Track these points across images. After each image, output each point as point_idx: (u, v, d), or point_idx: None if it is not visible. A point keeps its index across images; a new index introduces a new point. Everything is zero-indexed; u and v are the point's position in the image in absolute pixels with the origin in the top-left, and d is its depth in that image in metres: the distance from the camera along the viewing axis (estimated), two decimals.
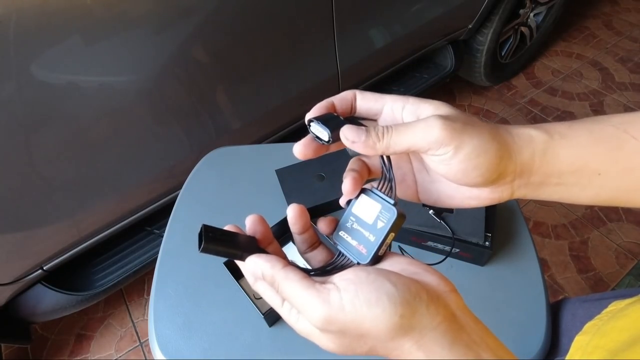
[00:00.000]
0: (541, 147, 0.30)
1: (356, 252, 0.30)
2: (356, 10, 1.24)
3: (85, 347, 1.29)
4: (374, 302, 0.25)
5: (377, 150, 0.29)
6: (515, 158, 0.29)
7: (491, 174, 0.29)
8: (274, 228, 0.70)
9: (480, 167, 0.28)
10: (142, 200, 1.10)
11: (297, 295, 0.27)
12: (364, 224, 0.31)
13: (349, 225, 0.32)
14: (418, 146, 0.28)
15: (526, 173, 0.30)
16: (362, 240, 0.30)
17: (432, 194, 0.33)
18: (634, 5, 2.47)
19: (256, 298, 0.65)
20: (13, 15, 0.72)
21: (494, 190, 0.31)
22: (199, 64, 1.00)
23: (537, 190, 0.32)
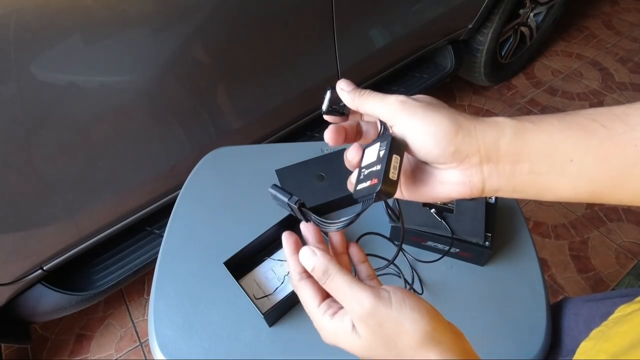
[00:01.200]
0: (509, 132, 0.31)
1: (371, 188, 0.31)
2: (356, 10, 1.24)
3: (85, 347, 1.29)
4: (417, 308, 0.30)
5: (353, 103, 0.36)
6: (477, 137, 0.31)
7: (447, 145, 0.31)
8: (273, 229, 0.70)
9: (434, 134, 0.31)
10: (142, 200, 1.10)
11: (349, 287, 0.31)
12: (370, 165, 0.33)
13: (361, 177, 0.34)
14: (378, 112, 0.34)
15: (493, 156, 0.31)
16: (372, 175, 0.32)
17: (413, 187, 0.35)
18: (634, 5, 2.47)
19: (256, 298, 0.66)
20: (13, 15, 0.72)
21: (463, 174, 0.32)
22: (199, 64, 1.00)
23: (510, 181, 0.31)
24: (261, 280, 0.68)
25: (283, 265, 0.69)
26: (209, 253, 0.71)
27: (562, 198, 0.32)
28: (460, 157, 0.31)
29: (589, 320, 0.59)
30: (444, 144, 0.31)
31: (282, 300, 0.62)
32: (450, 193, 0.33)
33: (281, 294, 0.66)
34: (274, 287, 0.67)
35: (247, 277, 0.68)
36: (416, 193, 0.35)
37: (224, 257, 0.70)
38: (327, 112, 0.38)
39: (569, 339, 0.62)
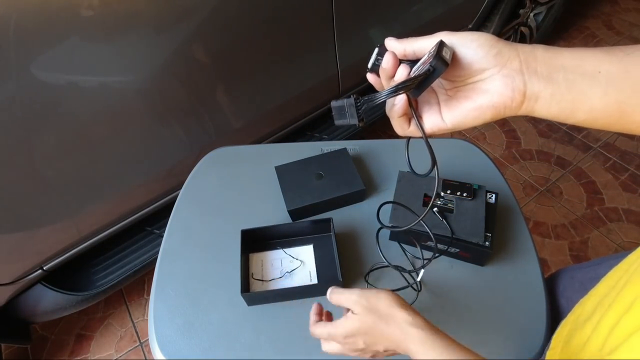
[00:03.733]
0: (541, 47, 0.36)
1: (426, 65, 0.35)
2: (356, 10, 1.24)
3: (85, 347, 1.29)
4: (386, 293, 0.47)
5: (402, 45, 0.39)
6: (516, 47, 0.36)
7: (490, 47, 0.35)
8: (269, 230, 0.70)
9: (477, 39, 0.36)
10: (142, 200, 1.09)
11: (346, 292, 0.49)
12: (423, 61, 0.38)
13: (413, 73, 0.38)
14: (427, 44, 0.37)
15: (531, 62, 0.35)
16: (426, 61, 0.36)
17: (454, 107, 0.39)
18: (634, 5, 2.47)
19: (254, 278, 0.67)
20: (13, 15, 0.72)
21: (506, 78, 0.35)
22: (199, 64, 1.00)
23: (547, 86, 0.35)
24: (266, 264, 0.69)
25: (292, 261, 0.69)
26: (209, 253, 0.71)
27: (594, 109, 0.35)
28: (503, 59, 0.35)
29: (584, 281, 0.61)
30: (487, 47, 0.35)
31: (272, 290, 0.64)
32: (493, 99, 0.36)
33: (275, 285, 0.66)
34: (272, 277, 0.67)
35: (255, 255, 0.70)
36: (458, 110, 0.38)
37: (223, 257, 0.70)
38: (372, 68, 0.41)
39: (565, 300, 0.63)
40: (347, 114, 0.40)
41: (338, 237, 0.69)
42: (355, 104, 0.40)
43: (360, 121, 0.40)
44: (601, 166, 1.69)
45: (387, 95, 0.37)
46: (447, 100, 0.40)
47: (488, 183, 0.71)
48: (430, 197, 0.69)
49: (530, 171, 1.69)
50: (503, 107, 0.36)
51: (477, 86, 0.37)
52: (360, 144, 0.86)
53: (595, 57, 0.35)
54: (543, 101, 0.35)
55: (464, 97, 0.38)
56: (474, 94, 0.37)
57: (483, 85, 0.37)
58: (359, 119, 0.40)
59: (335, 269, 0.66)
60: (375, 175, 0.81)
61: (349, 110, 0.40)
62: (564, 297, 0.64)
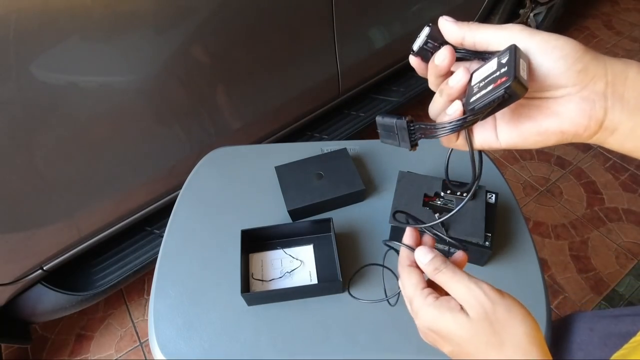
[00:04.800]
0: (636, 66, 0.29)
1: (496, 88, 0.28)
2: (356, 10, 1.24)
3: (85, 347, 1.29)
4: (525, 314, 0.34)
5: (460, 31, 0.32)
6: (605, 63, 0.29)
7: (575, 60, 0.28)
8: (269, 230, 0.70)
9: (562, 47, 0.29)
10: (142, 200, 1.09)
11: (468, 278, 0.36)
12: (487, 77, 0.30)
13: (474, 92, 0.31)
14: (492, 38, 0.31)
15: (619, 85, 0.28)
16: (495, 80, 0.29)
17: (512, 126, 0.32)
18: (634, 5, 2.47)
19: (254, 278, 0.67)
20: (13, 15, 0.72)
21: (584, 101, 0.29)
22: (199, 64, 1.00)
23: (631, 118, 0.29)
24: (265, 264, 0.69)
25: (292, 261, 0.69)
26: (209, 253, 0.71)
27: None
28: (587, 78, 0.28)
29: (605, 336, 0.58)
30: (572, 60, 0.28)
31: (272, 291, 0.64)
32: (563, 126, 0.30)
33: (275, 285, 0.66)
34: (272, 277, 0.67)
35: (255, 255, 0.70)
36: (517, 131, 0.32)
37: (223, 257, 0.70)
38: (419, 51, 0.35)
39: (582, 354, 0.61)
40: (397, 135, 0.36)
41: (338, 237, 0.69)
42: (408, 128, 0.35)
43: (412, 147, 0.36)
44: (601, 166, 1.69)
45: (449, 131, 0.31)
46: (504, 117, 0.33)
47: (488, 183, 0.71)
48: (430, 197, 0.69)
49: (530, 171, 1.69)
50: (572, 135, 0.30)
51: (546, 105, 0.30)
52: (360, 144, 0.86)
53: None
54: (620, 135, 0.29)
55: (526, 116, 0.31)
56: (540, 114, 0.30)
57: (554, 105, 0.30)
58: (411, 145, 0.36)
59: (335, 269, 0.66)
60: (375, 175, 0.81)
61: (400, 133, 0.35)
62: (581, 350, 0.61)
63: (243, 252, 0.66)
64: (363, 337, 0.61)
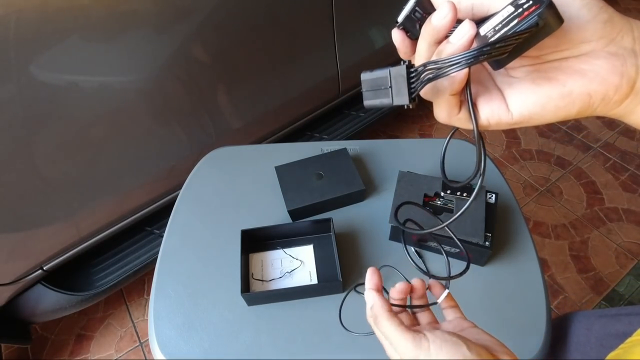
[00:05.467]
0: None
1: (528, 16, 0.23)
2: (356, 10, 1.24)
3: (85, 347, 1.29)
4: (452, 354, 0.32)
5: None
6: (629, 20, 0.26)
7: (599, 9, 0.25)
8: (269, 230, 0.70)
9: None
10: (142, 200, 1.09)
11: (396, 335, 0.35)
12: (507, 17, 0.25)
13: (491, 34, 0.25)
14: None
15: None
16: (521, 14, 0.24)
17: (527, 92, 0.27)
18: (634, 6, 2.47)
19: (254, 278, 0.67)
20: (13, 15, 0.72)
21: (612, 57, 0.25)
22: (199, 64, 1.00)
23: None
24: (265, 264, 0.69)
25: (292, 261, 0.69)
26: (209, 253, 0.71)
27: None
28: (614, 30, 0.25)
29: (602, 336, 0.58)
30: (596, 9, 0.25)
31: (272, 290, 0.64)
32: (591, 86, 0.25)
33: (275, 285, 0.66)
34: (272, 277, 0.67)
35: (255, 255, 0.70)
36: (534, 96, 0.27)
37: (223, 257, 0.70)
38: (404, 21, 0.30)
39: (579, 354, 0.61)
40: (390, 89, 0.28)
41: (338, 237, 0.69)
42: (407, 74, 0.27)
43: (412, 100, 0.28)
44: (601, 166, 1.69)
45: (464, 63, 0.24)
46: (513, 83, 0.28)
47: (488, 183, 0.71)
48: (430, 197, 0.69)
49: (530, 171, 1.69)
50: (601, 98, 0.25)
51: (568, 64, 0.26)
52: (360, 144, 0.86)
53: None
54: None
55: (545, 78, 0.26)
56: (562, 74, 0.26)
57: (578, 63, 0.26)
58: (410, 97, 0.28)
59: (335, 269, 0.66)
60: (375, 175, 0.81)
61: (395, 84, 0.28)
62: (578, 351, 0.61)
63: (243, 252, 0.66)
64: (363, 337, 0.61)
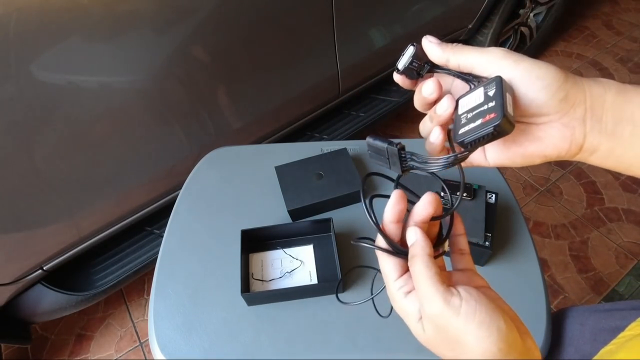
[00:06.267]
0: (614, 89, 0.30)
1: (486, 124, 0.29)
2: (356, 10, 1.24)
3: (85, 347, 1.29)
4: (485, 326, 0.28)
5: (444, 54, 0.33)
6: (584, 88, 0.30)
7: (557, 89, 0.29)
8: (269, 230, 0.70)
9: (544, 77, 0.30)
10: (142, 200, 1.09)
11: (425, 282, 0.30)
12: (474, 108, 0.31)
13: (462, 122, 0.31)
14: (476, 61, 0.31)
15: (598, 110, 0.30)
16: (484, 114, 0.30)
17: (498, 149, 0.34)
18: (634, 5, 2.47)
19: (254, 278, 0.67)
20: (13, 15, 0.72)
21: (565, 127, 0.30)
22: (199, 64, 1.00)
23: (610, 141, 0.30)
24: (265, 264, 0.69)
25: (292, 261, 0.69)
26: (209, 253, 0.71)
27: None
28: (568, 105, 0.30)
29: (595, 331, 0.58)
30: (554, 89, 0.30)
31: (272, 290, 0.64)
32: (546, 150, 0.32)
33: (275, 285, 0.66)
34: (272, 277, 0.67)
35: (255, 255, 0.70)
36: (505, 154, 0.34)
37: (223, 257, 0.70)
38: (404, 70, 0.35)
39: (573, 349, 0.61)
40: (389, 160, 0.35)
41: (338, 237, 0.69)
42: (399, 155, 0.34)
43: (404, 172, 0.35)
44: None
45: (442, 167, 0.31)
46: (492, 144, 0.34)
47: (488, 183, 0.71)
48: None
49: (530, 171, 1.69)
50: (555, 157, 0.32)
51: (529, 130, 0.32)
52: (360, 144, 0.86)
53: None
54: (600, 154, 0.31)
55: (512, 140, 0.33)
56: (523, 139, 0.32)
57: (537, 131, 0.31)
58: (402, 171, 0.35)
59: (335, 269, 0.66)
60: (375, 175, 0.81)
61: (391, 159, 0.35)
62: (571, 346, 0.62)
63: (243, 252, 0.66)
64: (362, 337, 0.61)
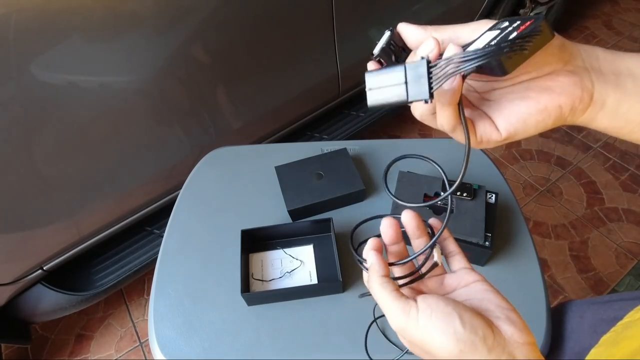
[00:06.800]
0: (599, 48, 0.31)
1: (528, 28, 0.26)
2: (356, 10, 1.24)
3: (85, 347, 1.29)
4: (441, 331, 0.29)
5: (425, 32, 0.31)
6: (575, 44, 0.30)
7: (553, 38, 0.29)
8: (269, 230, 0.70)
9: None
10: (142, 200, 1.10)
11: (385, 301, 0.31)
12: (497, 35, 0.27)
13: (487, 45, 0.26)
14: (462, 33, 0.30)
15: (595, 63, 0.30)
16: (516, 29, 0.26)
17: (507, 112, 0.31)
18: (634, 5, 2.47)
19: (254, 278, 0.67)
20: (13, 15, 0.72)
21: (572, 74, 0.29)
22: (199, 64, 1.00)
23: (616, 91, 0.29)
24: (265, 264, 0.69)
25: (292, 261, 0.69)
26: (209, 253, 0.71)
27: None
28: (566, 53, 0.29)
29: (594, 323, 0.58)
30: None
31: (272, 290, 0.64)
32: (560, 99, 0.29)
33: (275, 285, 0.66)
34: (272, 277, 0.67)
35: (255, 255, 0.70)
36: (514, 114, 0.30)
37: (223, 257, 0.70)
38: (380, 54, 0.31)
39: (573, 342, 0.61)
40: (406, 86, 0.27)
41: (338, 237, 0.69)
42: (427, 67, 0.26)
43: (431, 96, 0.27)
44: (601, 166, 1.69)
45: (490, 54, 0.24)
46: (493, 106, 0.32)
47: (488, 183, 0.71)
48: (430, 197, 0.69)
49: (530, 171, 1.69)
50: (570, 109, 0.29)
51: (536, 84, 0.30)
52: (360, 144, 0.86)
53: None
54: (608, 109, 0.30)
55: (519, 97, 0.30)
56: (534, 92, 0.30)
57: (545, 82, 0.30)
58: (430, 92, 0.26)
59: (335, 269, 0.66)
60: (375, 175, 0.81)
61: (412, 80, 0.26)
62: (571, 339, 0.62)
63: (243, 252, 0.66)
64: (362, 337, 0.61)
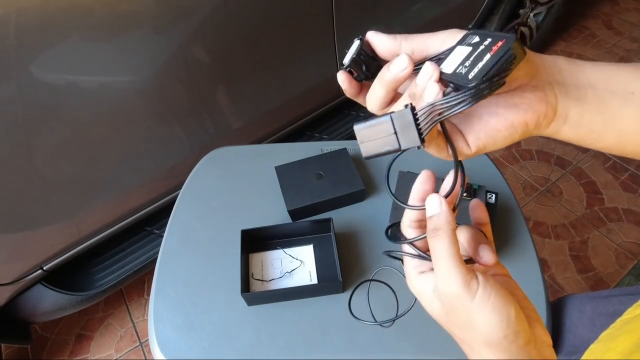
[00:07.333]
0: (561, 57, 0.31)
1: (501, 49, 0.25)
2: (356, 10, 1.24)
3: (85, 347, 1.29)
4: (497, 312, 0.29)
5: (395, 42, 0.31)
6: (538, 56, 0.30)
7: None
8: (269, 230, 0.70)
9: None
10: (142, 200, 1.09)
11: (446, 259, 0.29)
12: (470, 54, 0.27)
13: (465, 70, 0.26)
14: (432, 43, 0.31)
15: (557, 75, 0.30)
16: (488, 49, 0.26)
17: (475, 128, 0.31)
18: (634, 5, 2.47)
19: (254, 278, 0.66)
20: (13, 15, 0.72)
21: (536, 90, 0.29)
22: (199, 64, 1.00)
23: (578, 104, 0.30)
24: (265, 264, 0.69)
25: (292, 261, 0.69)
26: (209, 253, 0.71)
27: (625, 133, 0.30)
28: (533, 67, 0.29)
29: (593, 317, 0.59)
30: None
31: (272, 290, 0.64)
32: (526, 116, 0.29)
33: (275, 285, 0.66)
34: (272, 277, 0.67)
35: (255, 255, 0.70)
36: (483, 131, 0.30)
37: (223, 257, 0.70)
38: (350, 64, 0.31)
39: (572, 335, 0.62)
40: (396, 136, 0.27)
41: (338, 237, 0.69)
42: (413, 117, 0.26)
43: (423, 142, 0.27)
44: (601, 166, 1.69)
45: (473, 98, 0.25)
46: (462, 122, 0.31)
47: (488, 183, 0.71)
48: None
49: (530, 171, 1.69)
50: (535, 124, 0.30)
51: (504, 100, 0.30)
52: None
53: (627, 74, 0.30)
54: (571, 122, 0.30)
55: (488, 113, 0.30)
56: (501, 109, 0.30)
57: (512, 98, 0.29)
58: (421, 138, 0.27)
59: (335, 269, 0.66)
60: (375, 175, 0.81)
61: (400, 131, 0.26)
62: (571, 332, 0.62)
63: (243, 252, 0.66)
64: (363, 337, 0.61)
